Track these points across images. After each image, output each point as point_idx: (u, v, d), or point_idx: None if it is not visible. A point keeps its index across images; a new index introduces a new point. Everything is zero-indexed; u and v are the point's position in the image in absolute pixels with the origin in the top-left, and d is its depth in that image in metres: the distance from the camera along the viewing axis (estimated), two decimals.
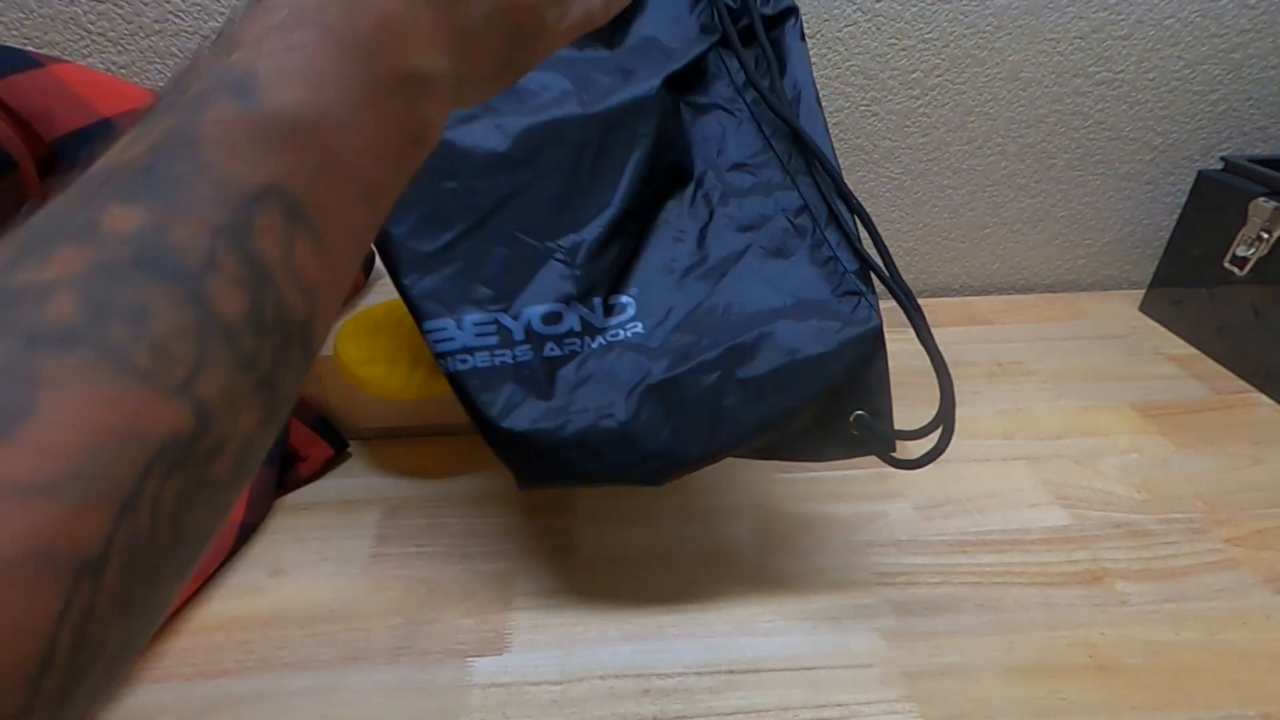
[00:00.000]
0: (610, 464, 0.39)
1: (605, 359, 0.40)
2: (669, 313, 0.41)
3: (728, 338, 0.40)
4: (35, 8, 0.60)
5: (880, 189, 0.77)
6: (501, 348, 0.39)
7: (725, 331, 0.40)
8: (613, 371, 0.40)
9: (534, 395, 0.39)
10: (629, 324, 0.41)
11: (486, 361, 0.39)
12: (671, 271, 0.43)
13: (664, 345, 0.40)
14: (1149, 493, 0.53)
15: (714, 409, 0.39)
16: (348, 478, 0.55)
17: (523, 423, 0.38)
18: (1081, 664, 0.40)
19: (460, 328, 0.39)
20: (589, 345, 0.41)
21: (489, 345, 0.39)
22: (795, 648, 0.42)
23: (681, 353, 0.40)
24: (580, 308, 0.41)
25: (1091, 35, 0.69)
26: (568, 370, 0.40)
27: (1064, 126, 0.74)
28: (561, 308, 0.40)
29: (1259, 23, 0.69)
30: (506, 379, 0.39)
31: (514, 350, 0.39)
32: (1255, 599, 0.44)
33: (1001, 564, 0.47)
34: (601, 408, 0.39)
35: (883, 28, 0.68)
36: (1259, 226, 0.63)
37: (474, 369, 0.39)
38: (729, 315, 0.41)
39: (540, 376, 0.39)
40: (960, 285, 0.84)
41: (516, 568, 0.47)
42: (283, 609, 0.44)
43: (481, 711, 0.38)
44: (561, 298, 0.40)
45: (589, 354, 0.40)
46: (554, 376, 0.40)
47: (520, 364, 0.39)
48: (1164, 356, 0.70)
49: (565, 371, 0.40)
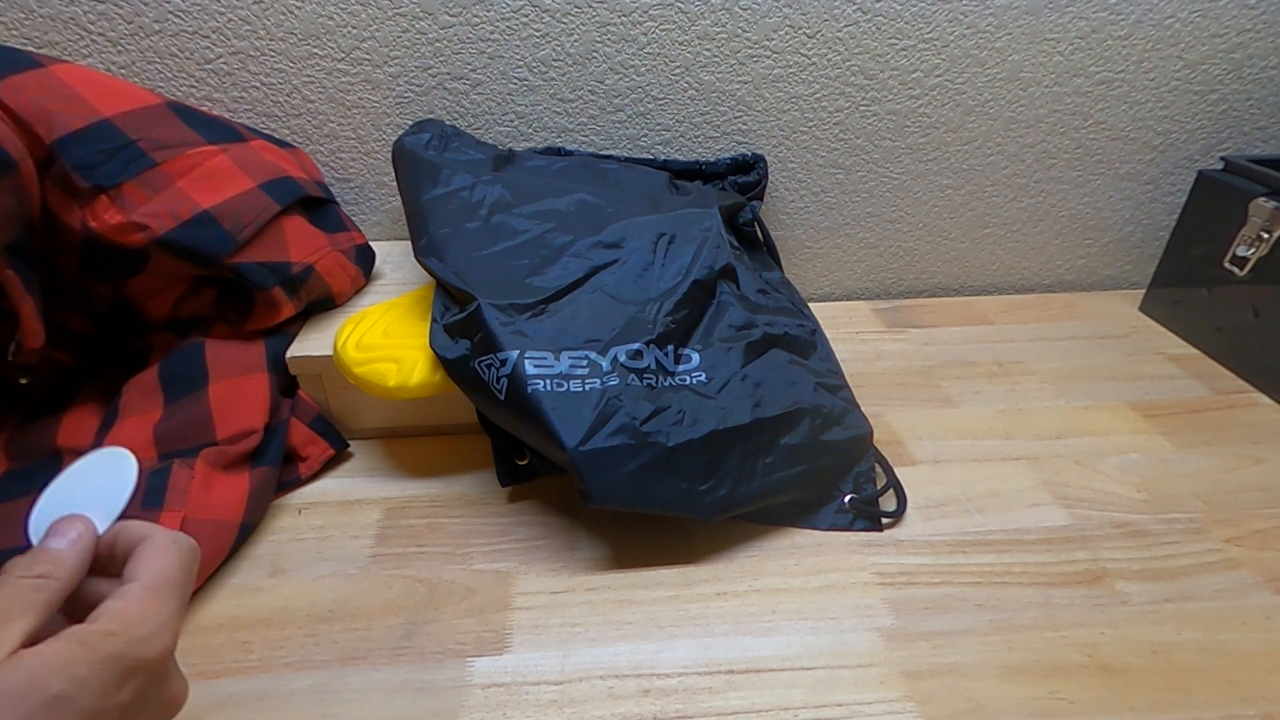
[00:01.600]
0: (674, 491, 0.45)
1: (677, 396, 0.47)
2: (722, 372, 0.50)
3: (777, 408, 0.49)
4: (35, 8, 0.60)
5: (880, 189, 0.77)
6: (591, 377, 0.46)
7: (771, 404, 0.49)
8: (686, 408, 0.47)
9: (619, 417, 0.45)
10: (694, 372, 0.49)
11: (578, 388, 0.45)
12: (724, 340, 0.51)
13: (721, 398, 0.48)
14: (1149, 493, 0.53)
15: (759, 464, 0.48)
16: (348, 478, 0.55)
17: (601, 441, 0.44)
18: (1081, 664, 0.40)
19: (558, 360, 0.46)
20: (664, 382, 0.48)
21: (580, 374, 0.46)
22: (795, 648, 0.42)
23: (744, 409, 0.48)
24: (657, 350, 0.48)
25: (1091, 35, 0.69)
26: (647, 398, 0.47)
27: (1064, 126, 0.74)
28: (643, 348, 0.48)
29: (1259, 23, 0.69)
30: (591, 403, 0.45)
31: (603, 379, 0.46)
32: (1255, 599, 0.44)
33: (1001, 564, 0.47)
34: (674, 432, 0.45)
35: (883, 28, 0.68)
36: (1259, 226, 0.63)
37: (567, 393, 0.44)
38: (767, 390, 0.50)
39: (625, 400, 0.46)
40: (960, 285, 0.84)
41: (516, 568, 0.47)
42: (283, 609, 0.44)
43: (481, 711, 0.38)
44: (644, 340, 0.48)
45: (663, 389, 0.47)
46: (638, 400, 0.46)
47: (608, 388, 0.45)
48: (1164, 356, 0.70)
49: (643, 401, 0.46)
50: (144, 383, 0.51)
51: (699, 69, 0.69)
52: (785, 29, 0.67)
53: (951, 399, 0.63)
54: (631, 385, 0.46)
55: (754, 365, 0.51)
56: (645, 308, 0.50)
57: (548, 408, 0.44)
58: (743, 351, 0.51)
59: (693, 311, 0.52)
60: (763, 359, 0.52)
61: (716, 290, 0.54)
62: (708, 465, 0.46)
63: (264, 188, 0.54)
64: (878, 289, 0.84)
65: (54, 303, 0.50)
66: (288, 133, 0.68)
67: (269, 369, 0.52)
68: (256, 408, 0.50)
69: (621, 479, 0.43)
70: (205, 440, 0.48)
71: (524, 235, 0.54)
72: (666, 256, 0.54)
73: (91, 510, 0.30)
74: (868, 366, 0.68)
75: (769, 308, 0.57)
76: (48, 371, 0.53)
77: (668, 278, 0.53)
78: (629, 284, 0.52)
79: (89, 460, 0.33)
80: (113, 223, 0.47)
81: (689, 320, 0.51)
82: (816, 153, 0.74)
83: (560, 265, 0.53)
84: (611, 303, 0.50)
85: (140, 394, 0.50)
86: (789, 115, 0.71)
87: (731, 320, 0.53)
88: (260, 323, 0.54)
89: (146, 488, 0.44)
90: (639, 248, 0.54)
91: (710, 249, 0.55)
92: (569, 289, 0.51)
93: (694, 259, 0.54)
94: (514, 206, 0.56)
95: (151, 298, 0.54)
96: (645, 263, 0.53)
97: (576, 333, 0.48)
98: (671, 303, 0.51)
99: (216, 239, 0.50)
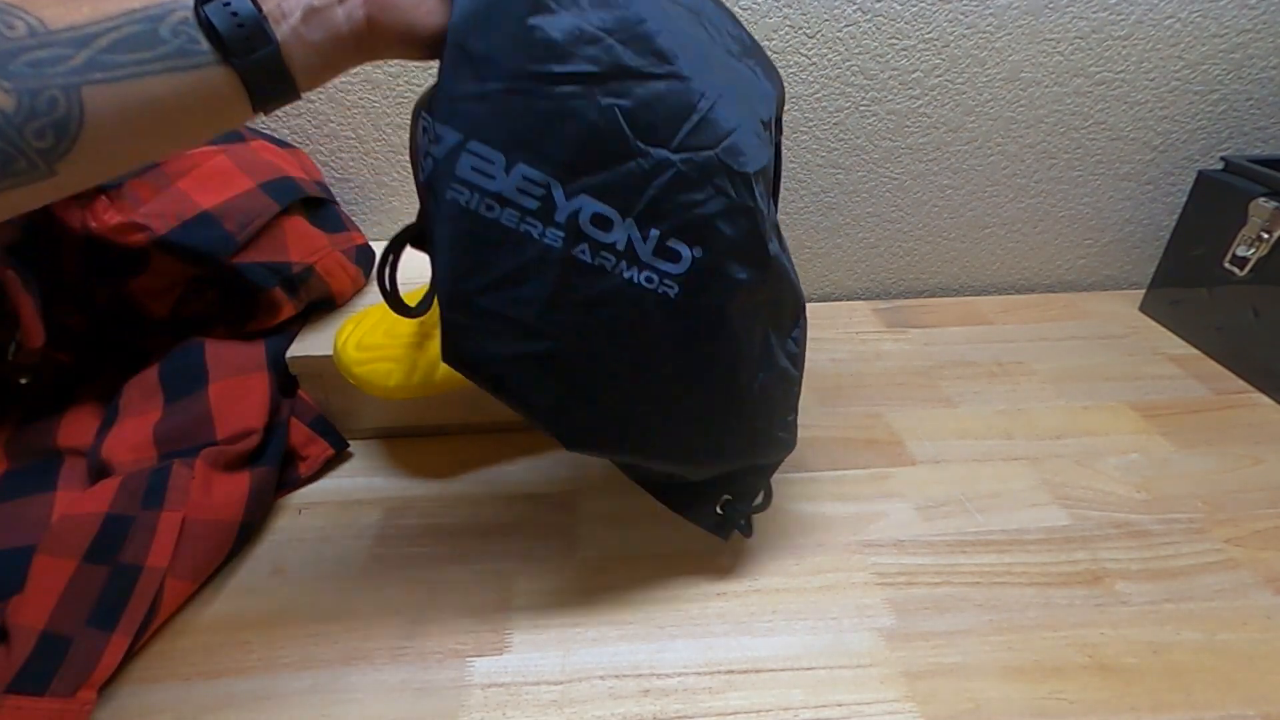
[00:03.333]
0: (533, 399, 0.36)
1: (624, 294, 0.35)
2: (705, 299, 0.37)
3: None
4: None
5: (880, 189, 0.77)
6: (534, 218, 0.33)
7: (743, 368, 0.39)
8: (621, 315, 0.35)
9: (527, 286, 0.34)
10: (670, 280, 0.35)
11: (512, 221, 0.33)
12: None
13: (679, 321, 0.36)
14: (1149, 493, 0.53)
15: (660, 414, 0.38)
16: (348, 478, 0.55)
17: (501, 306, 0.34)
18: (1081, 664, 0.40)
19: (508, 173, 0.32)
20: (620, 271, 0.34)
21: (525, 208, 0.33)
22: (795, 648, 0.42)
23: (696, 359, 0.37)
24: (635, 229, 0.34)
25: (1091, 35, 0.69)
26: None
27: (1064, 126, 0.74)
28: (617, 218, 0.34)
29: (1259, 23, 0.69)
30: (516, 250, 0.33)
31: (546, 230, 0.33)
32: (1255, 599, 0.44)
33: (1001, 564, 0.47)
34: (568, 337, 0.35)
35: (883, 28, 0.68)
36: (1259, 226, 0.62)
37: (495, 222, 0.33)
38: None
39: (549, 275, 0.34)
40: (960, 285, 0.84)
41: (516, 568, 0.47)
42: (283, 609, 0.44)
43: (481, 711, 0.38)
44: (623, 208, 0.34)
45: (612, 280, 0.34)
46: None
47: (545, 247, 0.33)
48: (1164, 356, 0.70)
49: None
50: (144, 382, 0.51)
51: None
52: (785, 29, 0.67)
53: (951, 399, 0.63)
54: (578, 257, 0.34)
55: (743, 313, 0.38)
56: (650, 158, 0.33)
57: (452, 229, 0.32)
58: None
59: (712, 202, 0.35)
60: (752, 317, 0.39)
61: (755, 191, 0.36)
62: (614, 400, 0.37)
63: (264, 188, 0.54)
64: (878, 289, 0.84)
65: (54, 303, 0.50)
66: (288, 133, 0.68)
67: (269, 369, 0.52)
68: (256, 408, 0.50)
69: (489, 354, 0.35)
70: (205, 440, 0.48)
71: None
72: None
73: None
74: (868, 366, 0.68)
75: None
76: (48, 371, 0.53)
77: (707, 134, 0.34)
78: (657, 116, 0.33)
79: None
80: (113, 223, 0.47)
81: (702, 212, 0.35)
82: (816, 153, 0.74)
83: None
84: (611, 127, 0.32)
85: (140, 394, 0.50)
86: (789, 115, 0.71)
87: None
88: (260, 323, 0.54)
89: (146, 487, 0.44)
90: (720, 65, 0.36)
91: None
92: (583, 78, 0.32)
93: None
94: None
95: (152, 298, 0.54)
96: (689, 98, 0.33)
97: (552, 149, 0.32)
98: (688, 170, 0.34)
99: (217, 239, 0.50)
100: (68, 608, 0.39)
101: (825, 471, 0.55)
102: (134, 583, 0.41)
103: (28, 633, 0.38)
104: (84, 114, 0.25)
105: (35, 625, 0.38)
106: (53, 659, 0.38)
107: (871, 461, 0.55)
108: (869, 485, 0.53)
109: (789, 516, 0.51)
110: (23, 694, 0.36)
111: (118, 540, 0.42)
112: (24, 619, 0.38)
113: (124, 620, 0.40)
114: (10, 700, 0.36)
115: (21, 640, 0.38)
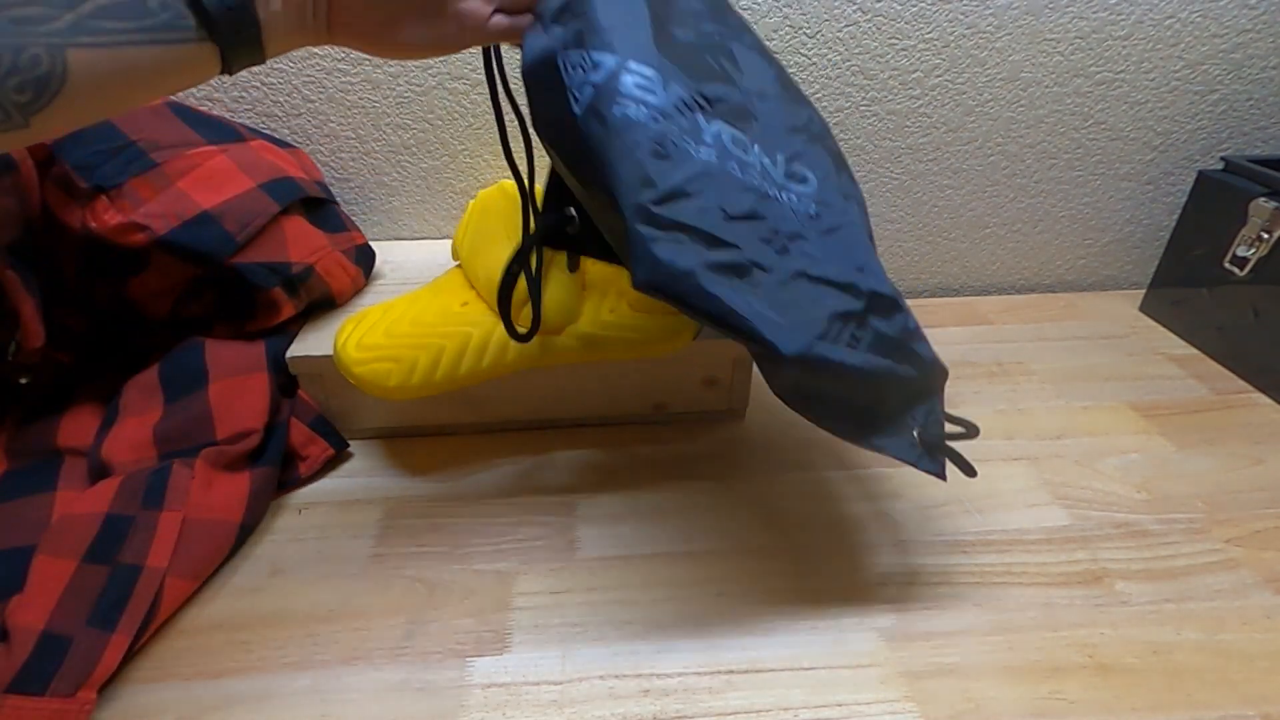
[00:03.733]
0: (746, 303, 0.36)
1: (776, 211, 0.38)
2: (830, 218, 0.40)
3: (878, 283, 0.40)
4: None
5: (880, 189, 0.77)
6: (689, 136, 0.36)
7: (872, 276, 0.40)
8: (782, 229, 0.38)
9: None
10: (805, 200, 0.39)
11: (675, 136, 0.35)
12: (842, 190, 0.42)
13: (823, 243, 0.39)
14: (1149, 493, 0.53)
15: (848, 331, 0.38)
16: (348, 478, 0.55)
17: (685, 216, 0.35)
18: (1081, 664, 0.40)
19: (665, 90, 0.36)
20: (765, 188, 0.38)
21: (682, 126, 0.36)
22: (795, 648, 0.42)
23: (845, 266, 0.39)
24: (764, 157, 0.39)
25: (1091, 35, 0.69)
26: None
27: (1064, 126, 0.74)
28: (748, 141, 0.38)
29: (1259, 23, 0.69)
30: (681, 167, 0.35)
31: (699, 147, 0.36)
32: (1255, 599, 0.44)
33: (1001, 564, 0.47)
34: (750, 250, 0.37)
35: (883, 28, 0.68)
36: (1259, 226, 0.62)
37: (664, 135, 0.35)
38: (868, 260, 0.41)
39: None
40: (960, 285, 0.84)
41: (516, 568, 0.47)
42: (282, 609, 0.44)
43: (481, 711, 0.38)
44: (757, 136, 0.38)
45: (764, 195, 0.38)
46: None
47: (704, 162, 0.36)
48: (1164, 356, 0.70)
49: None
50: (144, 382, 0.51)
51: None
52: (785, 29, 0.67)
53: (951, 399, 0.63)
54: (730, 172, 0.37)
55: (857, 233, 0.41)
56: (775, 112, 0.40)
57: (627, 142, 0.34)
58: (857, 211, 0.42)
59: (827, 146, 0.43)
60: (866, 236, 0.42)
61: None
62: (789, 302, 0.37)
63: (264, 188, 0.54)
64: None
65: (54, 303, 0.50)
66: (288, 133, 0.68)
67: (269, 369, 0.52)
68: (256, 408, 0.50)
69: (682, 270, 0.35)
70: (205, 440, 0.48)
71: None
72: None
73: None
74: None
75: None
76: (48, 372, 0.53)
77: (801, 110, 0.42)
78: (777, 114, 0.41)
79: None
80: (113, 223, 0.47)
81: (817, 150, 0.42)
82: None
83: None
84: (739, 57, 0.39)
85: (140, 394, 0.50)
86: None
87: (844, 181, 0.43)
88: (261, 322, 0.54)
89: (146, 487, 0.45)
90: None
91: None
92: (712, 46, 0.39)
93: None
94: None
95: (152, 298, 0.54)
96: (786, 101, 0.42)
97: (693, 82, 0.37)
98: (805, 119, 0.41)
99: (217, 239, 0.50)
100: (68, 608, 0.39)
101: (825, 472, 0.55)
102: (134, 582, 0.41)
103: (28, 633, 0.38)
104: (66, 75, 0.26)
105: (35, 625, 0.38)
106: (53, 659, 0.38)
107: (872, 461, 0.55)
108: (869, 485, 0.53)
109: (789, 516, 0.51)
110: (23, 694, 0.36)
111: (118, 540, 0.42)
112: (24, 619, 0.38)
113: (124, 620, 0.40)
114: (11, 700, 0.36)
115: (21, 640, 0.38)
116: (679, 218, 0.35)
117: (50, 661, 0.37)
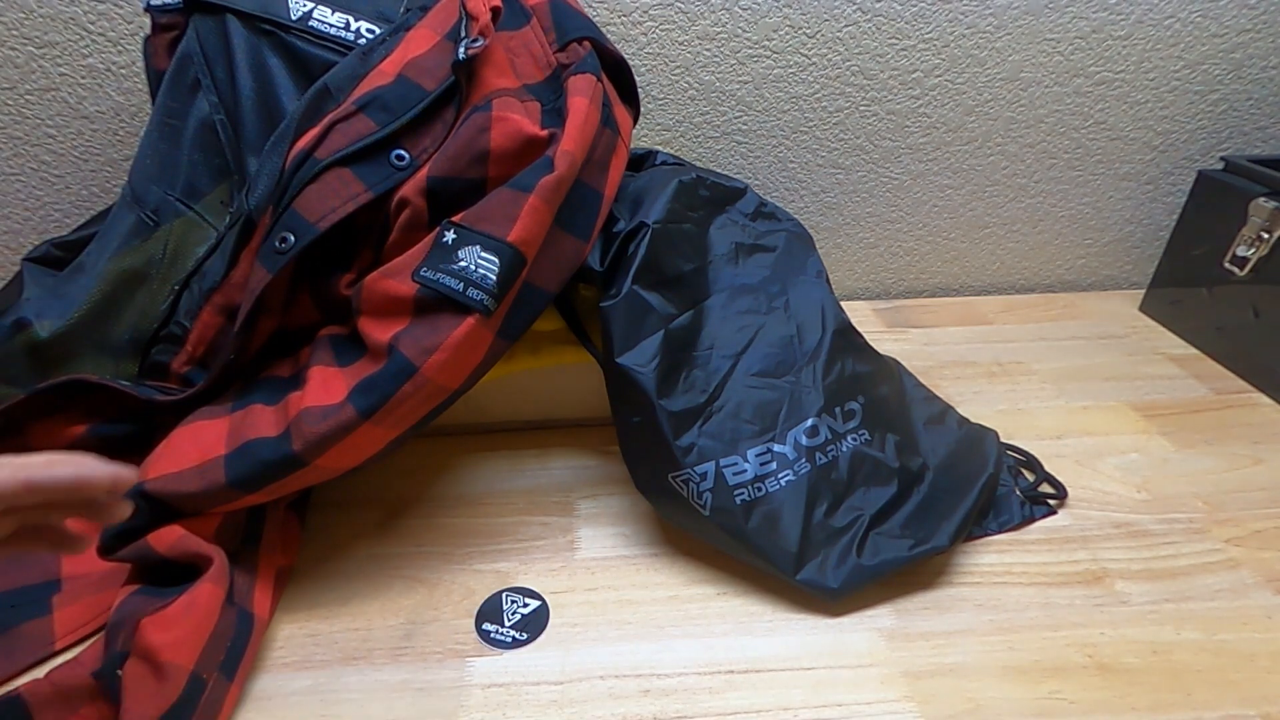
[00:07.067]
0: (896, 549, 0.45)
1: (854, 463, 0.47)
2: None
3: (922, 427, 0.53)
4: (35, 8, 0.60)
5: (880, 189, 0.77)
6: (782, 470, 0.45)
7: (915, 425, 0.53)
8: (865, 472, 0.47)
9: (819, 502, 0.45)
10: (859, 431, 0.48)
11: (775, 486, 0.44)
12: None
13: (887, 451, 0.48)
14: (1149, 493, 0.53)
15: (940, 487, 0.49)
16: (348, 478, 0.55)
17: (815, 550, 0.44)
18: (1081, 664, 0.40)
19: (746, 460, 0.44)
20: (841, 450, 0.47)
21: (771, 471, 0.45)
22: (795, 648, 0.42)
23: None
24: (827, 418, 0.47)
25: (1091, 35, 0.69)
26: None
27: (1064, 126, 0.74)
28: (817, 421, 0.47)
29: (1259, 23, 0.69)
30: (800, 494, 0.44)
31: (794, 468, 0.45)
32: (1255, 599, 0.44)
33: (1001, 564, 0.47)
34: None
35: (883, 28, 0.68)
36: (1259, 226, 0.62)
37: (767, 495, 0.44)
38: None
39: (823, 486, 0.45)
40: (960, 285, 0.84)
41: (516, 568, 0.47)
42: (282, 609, 0.44)
43: (481, 711, 0.38)
44: (816, 412, 0.47)
45: (841, 457, 0.47)
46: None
47: (801, 476, 0.45)
48: (1164, 356, 0.70)
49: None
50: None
51: (699, 69, 0.69)
52: (785, 29, 0.67)
53: (951, 399, 0.63)
54: (820, 463, 0.46)
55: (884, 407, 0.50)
56: (800, 376, 0.48)
57: (756, 533, 0.43)
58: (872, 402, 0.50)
59: (854, 364, 0.50)
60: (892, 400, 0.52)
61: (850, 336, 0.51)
62: (909, 517, 0.46)
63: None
64: (878, 289, 0.84)
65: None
66: None
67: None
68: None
69: (848, 568, 0.43)
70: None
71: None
72: (788, 311, 0.50)
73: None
74: None
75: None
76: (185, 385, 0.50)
77: (809, 339, 0.49)
78: (774, 360, 0.48)
79: None
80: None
81: (847, 371, 0.49)
82: (816, 153, 0.74)
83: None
84: (766, 386, 0.47)
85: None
86: (789, 115, 0.71)
87: (856, 365, 0.50)
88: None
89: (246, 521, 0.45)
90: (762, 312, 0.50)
91: (829, 293, 0.52)
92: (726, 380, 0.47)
93: (822, 309, 0.51)
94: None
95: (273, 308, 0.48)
96: (786, 330, 0.49)
97: (746, 427, 0.46)
98: (821, 364, 0.48)
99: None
100: (211, 649, 0.38)
101: None
102: (250, 631, 0.40)
103: (180, 671, 0.36)
104: None
105: (186, 665, 0.36)
106: (190, 704, 0.36)
107: None
108: None
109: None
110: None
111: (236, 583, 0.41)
112: (177, 657, 0.36)
113: (240, 670, 0.39)
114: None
115: (174, 678, 0.36)
116: (820, 554, 0.44)
117: (188, 706, 0.36)
